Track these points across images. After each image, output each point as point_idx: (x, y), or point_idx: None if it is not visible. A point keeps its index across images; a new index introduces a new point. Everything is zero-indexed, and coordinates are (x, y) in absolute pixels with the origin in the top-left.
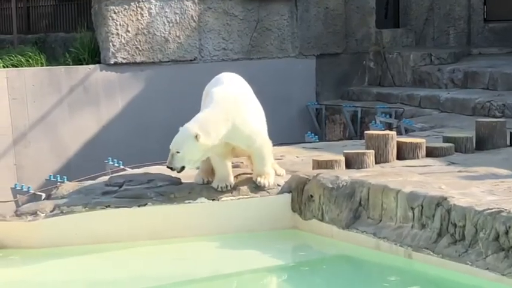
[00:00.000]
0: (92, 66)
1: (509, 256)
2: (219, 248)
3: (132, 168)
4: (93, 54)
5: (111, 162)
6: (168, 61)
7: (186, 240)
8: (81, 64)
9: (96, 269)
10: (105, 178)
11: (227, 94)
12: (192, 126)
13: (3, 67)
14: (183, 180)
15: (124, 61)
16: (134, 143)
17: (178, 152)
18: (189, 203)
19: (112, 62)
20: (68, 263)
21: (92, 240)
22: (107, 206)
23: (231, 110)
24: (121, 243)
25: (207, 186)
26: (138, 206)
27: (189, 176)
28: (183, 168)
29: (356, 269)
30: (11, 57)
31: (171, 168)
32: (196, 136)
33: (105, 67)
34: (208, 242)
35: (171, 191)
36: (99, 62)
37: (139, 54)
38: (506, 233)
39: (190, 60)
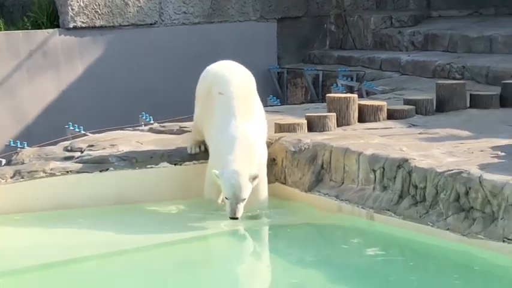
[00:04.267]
0: (50, 30)
1: (469, 217)
2: (183, 212)
3: (93, 133)
4: (51, 19)
5: (71, 128)
6: (128, 25)
7: (151, 205)
8: (40, 28)
9: (60, 234)
10: (66, 143)
11: (251, 143)
12: (245, 168)
13: None
14: (144, 146)
15: (83, 25)
16: (95, 108)
17: (244, 199)
18: (151, 167)
19: (71, 26)
20: (32, 228)
21: (54, 206)
22: (68, 172)
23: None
24: (85, 209)
25: (168, 151)
26: (100, 171)
27: (149, 141)
28: None
29: (319, 231)
30: None
31: (236, 219)
32: (255, 178)
33: (64, 31)
34: (172, 206)
35: (133, 155)
36: (58, 26)
37: (98, 18)
38: (467, 193)
39: (151, 24)
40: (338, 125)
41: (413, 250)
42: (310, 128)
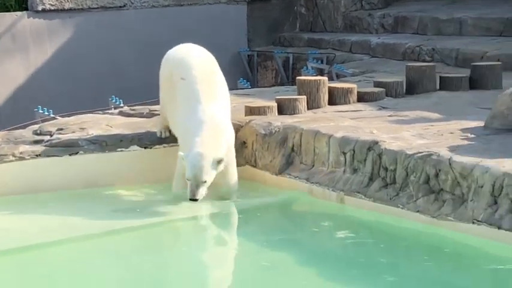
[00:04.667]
0: (19, 13)
1: (439, 199)
2: (153, 196)
3: (62, 116)
4: (20, 1)
5: (41, 111)
6: (98, 7)
7: (121, 189)
8: (8, 11)
9: (29, 218)
10: (35, 127)
11: (217, 119)
12: (210, 151)
13: None
14: (114, 130)
15: (52, 8)
16: (64, 91)
17: (205, 182)
18: (121, 151)
19: (40, 9)
20: (1, 213)
21: (23, 190)
22: (37, 155)
23: (228, 139)
24: (54, 193)
25: (138, 135)
26: (70, 155)
27: (119, 124)
28: None
29: (289, 214)
30: None
31: (196, 200)
32: (220, 161)
33: (33, 14)
34: (142, 189)
35: (103, 139)
36: (26, 9)
37: (67, 0)
38: (436, 175)
39: (120, 7)
40: (308, 108)
41: (383, 232)
42: (281, 111)
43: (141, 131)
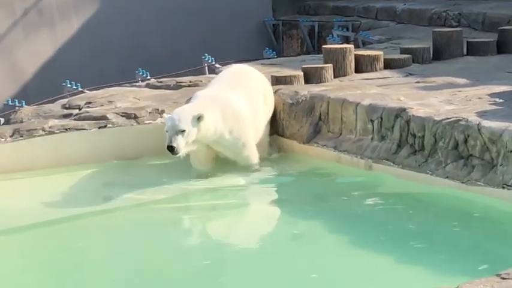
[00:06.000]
0: None
1: (468, 164)
2: (184, 163)
3: (90, 90)
4: None
5: (69, 85)
6: None
7: (150, 160)
8: None
9: (60, 192)
10: (64, 101)
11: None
12: (195, 107)
13: None
14: (141, 102)
15: None
16: (92, 65)
17: (183, 131)
18: (150, 123)
19: None
20: (31, 187)
21: (54, 164)
22: (66, 129)
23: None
24: (85, 165)
25: (167, 105)
26: (99, 128)
27: (146, 97)
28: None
29: (317, 183)
30: None
31: (172, 149)
32: (199, 117)
33: None
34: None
35: (131, 111)
36: None
37: None
38: (465, 141)
39: None
40: (335, 76)
41: (412, 199)
42: (307, 79)
43: (169, 103)
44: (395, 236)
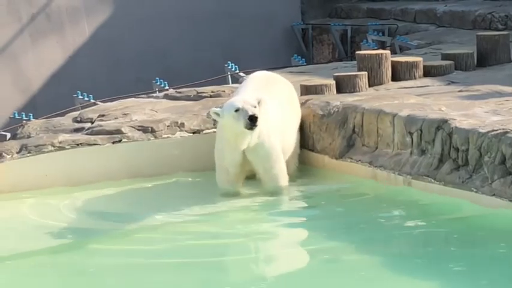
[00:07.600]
0: None
1: None
2: (206, 182)
3: (103, 101)
4: None
5: (80, 96)
6: None
7: (169, 178)
8: None
9: (71, 212)
10: (75, 114)
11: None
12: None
13: None
14: (159, 115)
15: None
16: (104, 74)
17: (255, 107)
18: (168, 137)
19: None
20: (41, 205)
21: (64, 182)
22: (78, 144)
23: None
24: (98, 183)
25: (186, 117)
26: (113, 143)
27: (164, 108)
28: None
29: (351, 202)
30: None
31: (255, 120)
32: (259, 102)
33: None
34: (193, 178)
35: (148, 125)
36: None
37: None
38: None
39: None
40: (370, 85)
41: (454, 218)
42: (340, 89)
43: (189, 115)
44: (435, 259)
